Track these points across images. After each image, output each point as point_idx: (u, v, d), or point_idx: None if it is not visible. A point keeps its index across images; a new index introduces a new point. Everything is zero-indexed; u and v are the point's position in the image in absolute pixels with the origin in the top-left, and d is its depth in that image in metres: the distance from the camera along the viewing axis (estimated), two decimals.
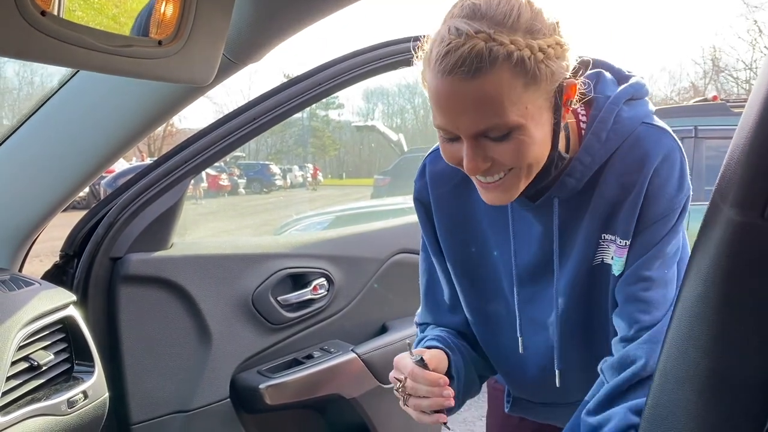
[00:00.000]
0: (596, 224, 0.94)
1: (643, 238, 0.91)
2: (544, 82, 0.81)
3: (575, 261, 0.97)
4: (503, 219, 1.01)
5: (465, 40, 0.77)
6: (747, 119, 0.58)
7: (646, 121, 0.94)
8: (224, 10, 0.85)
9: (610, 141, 0.92)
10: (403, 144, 10.66)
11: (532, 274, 1.02)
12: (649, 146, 0.91)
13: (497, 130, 0.81)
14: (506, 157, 0.83)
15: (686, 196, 0.92)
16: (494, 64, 0.77)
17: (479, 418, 3.46)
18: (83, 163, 1.34)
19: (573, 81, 0.86)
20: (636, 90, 0.96)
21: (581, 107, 0.95)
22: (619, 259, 0.93)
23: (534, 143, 0.83)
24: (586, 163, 0.92)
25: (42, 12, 0.63)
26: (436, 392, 0.95)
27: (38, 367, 1.10)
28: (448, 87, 0.79)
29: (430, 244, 1.10)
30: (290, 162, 27.84)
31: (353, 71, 1.56)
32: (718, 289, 0.61)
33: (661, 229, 0.91)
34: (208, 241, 1.76)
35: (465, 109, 0.80)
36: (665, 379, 0.73)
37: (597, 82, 0.96)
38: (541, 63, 0.80)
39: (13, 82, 19.89)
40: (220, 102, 30.98)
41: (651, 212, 0.90)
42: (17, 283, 1.22)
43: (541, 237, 0.99)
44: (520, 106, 0.80)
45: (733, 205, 0.58)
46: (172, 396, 1.58)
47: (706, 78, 29.59)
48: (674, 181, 0.90)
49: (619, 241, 0.93)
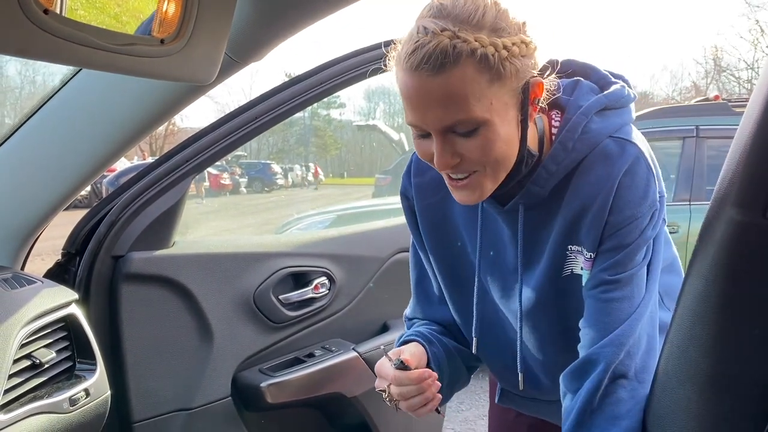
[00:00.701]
0: (562, 235, 0.95)
1: (607, 246, 0.92)
2: (508, 79, 0.83)
3: (542, 270, 0.98)
4: (476, 222, 1.03)
5: (431, 37, 0.80)
6: (748, 119, 0.58)
7: (614, 135, 0.93)
8: (226, 9, 0.85)
9: (575, 151, 0.92)
10: (404, 143, 10.63)
11: (500, 278, 1.03)
12: (613, 160, 0.91)
13: (464, 126, 0.83)
14: (473, 153, 0.85)
15: (652, 204, 0.91)
16: (458, 61, 0.80)
17: (480, 417, 3.46)
18: (85, 161, 1.34)
19: (539, 79, 0.88)
20: (612, 100, 0.95)
21: (556, 114, 0.96)
22: (587, 272, 0.94)
23: (500, 139, 0.85)
24: (551, 171, 0.93)
25: (45, 10, 0.63)
26: (425, 387, 0.96)
27: (40, 365, 1.11)
28: (415, 83, 0.82)
29: (415, 236, 1.12)
30: (292, 161, 27.84)
31: (354, 70, 1.56)
32: (719, 288, 0.61)
33: (626, 237, 0.90)
34: (209, 240, 1.76)
35: (432, 105, 0.82)
36: (666, 379, 0.73)
37: (573, 90, 0.97)
38: (505, 60, 0.82)
39: (15, 80, 19.89)
40: (221, 101, 30.97)
41: (614, 222, 0.90)
42: (19, 282, 1.22)
43: (509, 241, 1.00)
44: (485, 101, 0.82)
45: (734, 204, 0.58)
46: (174, 394, 1.58)
47: (708, 78, 29.56)
48: (638, 191, 0.90)
49: (585, 252, 0.93)
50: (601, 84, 0.99)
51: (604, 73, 1.01)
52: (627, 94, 0.97)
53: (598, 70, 1.02)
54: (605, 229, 0.91)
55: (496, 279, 1.04)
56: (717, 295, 0.61)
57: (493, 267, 1.04)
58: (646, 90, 34.19)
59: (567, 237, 0.95)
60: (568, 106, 0.95)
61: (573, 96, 0.96)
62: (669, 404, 0.72)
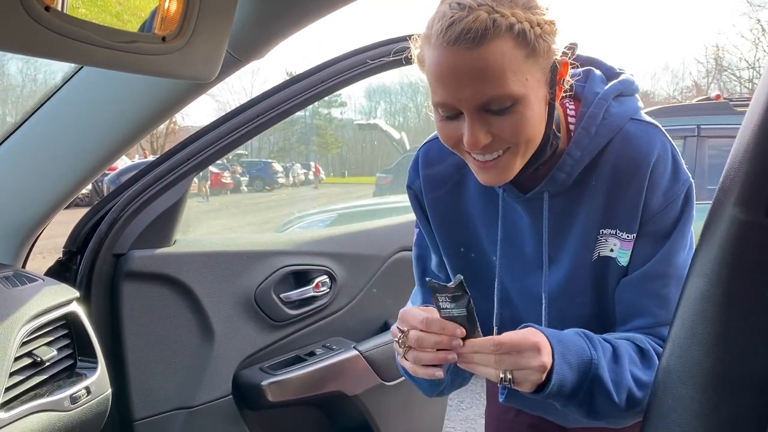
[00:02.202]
0: (594, 220, 0.96)
1: (649, 228, 0.94)
2: (541, 57, 0.84)
3: (568, 257, 0.98)
4: (494, 211, 1.02)
5: (468, 12, 0.80)
6: (751, 118, 0.58)
7: (634, 117, 0.96)
8: (228, 7, 0.85)
9: (599, 136, 0.94)
10: (405, 142, 10.63)
11: (520, 270, 1.03)
12: (642, 144, 0.94)
13: (498, 102, 0.83)
14: (506, 131, 0.85)
15: (685, 182, 0.94)
16: (498, 34, 0.80)
17: (480, 416, 3.46)
18: (86, 160, 1.34)
19: (565, 59, 0.89)
20: (625, 87, 0.98)
21: (570, 102, 0.98)
22: (624, 252, 0.95)
23: (533, 117, 0.85)
24: (576, 158, 0.94)
25: (46, 7, 0.63)
26: (445, 343, 0.85)
27: (41, 362, 1.11)
28: (451, 58, 0.81)
29: (425, 230, 1.11)
30: (293, 160, 27.82)
31: (355, 69, 1.56)
32: (721, 287, 0.61)
33: (665, 219, 0.93)
34: (210, 238, 1.76)
35: (468, 80, 0.82)
36: (668, 378, 0.73)
37: (587, 79, 0.99)
38: (539, 37, 0.83)
39: (17, 79, 19.92)
40: (222, 100, 31.00)
41: (652, 204, 0.93)
42: (20, 279, 1.22)
43: (530, 230, 1.00)
44: (521, 77, 0.82)
45: (736, 203, 0.58)
46: (175, 392, 1.58)
47: (709, 77, 29.54)
48: (669, 174, 0.93)
49: (623, 234, 0.95)
50: (608, 75, 1.01)
51: (610, 65, 1.03)
52: (635, 83, 1.00)
53: (603, 63, 1.04)
54: (644, 211, 0.93)
55: (515, 269, 1.03)
56: (719, 294, 0.61)
57: (511, 257, 1.03)
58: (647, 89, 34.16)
59: (598, 221, 0.96)
60: (585, 93, 0.97)
61: (587, 85, 0.98)
62: (670, 403, 0.72)
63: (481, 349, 0.82)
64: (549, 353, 0.83)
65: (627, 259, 0.96)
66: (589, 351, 0.86)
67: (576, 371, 0.85)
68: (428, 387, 1.05)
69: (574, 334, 0.89)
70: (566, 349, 0.85)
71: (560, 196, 0.97)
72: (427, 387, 1.05)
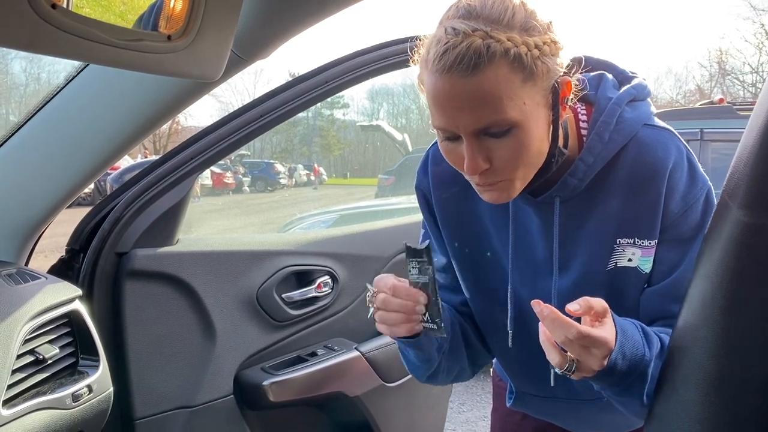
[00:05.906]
0: (609, 228, 0.94)
1: (670, 233, 0.93)
2: (540, 79, 0.83)
3: (580, 263, 0.97)
4: (504, 213, 1.02)
5: (462, 38, 0.79)
6: (755, 121, 0.58)
7: (648, 123, 0.95)
8: (233, 6, 0.85)
9: (612, 142, 0.93)
10: (407, 144, 10.62)
11: (531, 273, 1.02)
12: (659, 150, 0.93)
13: (497, 126, 0.82)
14: (505, 154, 0.84)
15: (703, 185, 0.94)
16: (492, 60, 0.79)
17: (481, 418, 3.46)
18: (89, 159, 1.34)
19: (567, 78, 0.87)
20: (638, 91, 0.97)
21: (582, 107, 0.96)
22: (646, 259, 0.94)
23: (532, 143, 0.84)
24: (588, 164, 0.93)
25: (53, 5, 0.63)
26: (408, 308, 0.89)
27: (43, 360, 1.11)
28: (447, 85, 0.80)
29: (433, 232, 1.11)
30: (295, 161, 27.83)
31: (358, 70, 1.56)
32: (724, 290, 0.61)
33: (687, 223, 0.93)
34: (213, 238, 1.76)
35: (464, 107, 0.81)
36: (670, 380, 0.72)
37: (599, 84, 0.98)
38: (537, 59, 0.81)
39: (20, 78, 19.96)
40: (225, 100, 31.04)
41: (671, 210, 0.92)
42: (23, 277, 1.22)
43: (540, 233, 0.99)
44: (518, 101, 0.81)
45: (741, 206, 0.58)
46: (176, 391, 1.58)
47: (712, 81, 29.51)
48: (687, 178, 0.93)
49: (643, 242, 0.94)
50: (620, 79, 1.00)
51: (622, 69, 1.02)
52: (647, 87, 0.99)
53: (616, 66, 1.03)
54: (664, 217, 0.92)
55: (525, 272, 1.02)
56: (723, 297, 0.61)
57: (522, 260, 1.02)
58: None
59: (613, 229, 0.94)
60: (598, 99, 0.96)
61: (599, 90, 0.97)
62: (673, 406, 0.72)
63: (565, 332, 0.78)
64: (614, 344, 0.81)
65: (650, 266, 0.95)
66: (642, 347, 0.84)
67: (627, 363, 0.82)
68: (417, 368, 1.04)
69: (632, 326, 0.87)
70: (626, 341, 0.83)
71: (572, 201, 0.96)
72: (416, 368, 1.05)
